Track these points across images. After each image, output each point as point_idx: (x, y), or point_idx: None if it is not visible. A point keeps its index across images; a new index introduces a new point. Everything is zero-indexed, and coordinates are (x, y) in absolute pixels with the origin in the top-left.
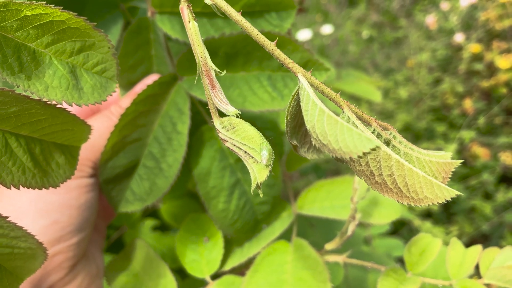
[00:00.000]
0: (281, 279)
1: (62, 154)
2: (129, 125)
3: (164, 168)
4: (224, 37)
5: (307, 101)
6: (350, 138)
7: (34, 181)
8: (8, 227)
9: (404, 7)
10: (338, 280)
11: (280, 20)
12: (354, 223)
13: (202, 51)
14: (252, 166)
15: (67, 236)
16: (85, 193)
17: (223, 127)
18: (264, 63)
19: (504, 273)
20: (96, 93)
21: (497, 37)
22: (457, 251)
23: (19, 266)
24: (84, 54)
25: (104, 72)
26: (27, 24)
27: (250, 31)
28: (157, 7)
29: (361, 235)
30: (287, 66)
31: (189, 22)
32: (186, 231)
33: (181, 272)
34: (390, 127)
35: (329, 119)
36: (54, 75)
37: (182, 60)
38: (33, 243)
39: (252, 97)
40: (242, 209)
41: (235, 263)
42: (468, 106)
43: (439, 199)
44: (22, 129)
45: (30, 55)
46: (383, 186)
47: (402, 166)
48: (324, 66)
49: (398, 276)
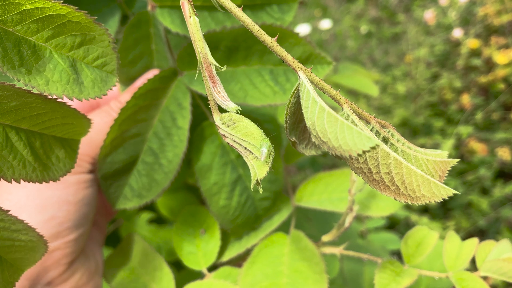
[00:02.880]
0: (277, 271)
1: (62, 148)
2: (129, 119)
3: (164, 163)
4: (225, 30)
5: (307, 98)
6: (350, 136)
7: (35, 174)
8: (9, 221)
9: (402, 2)
10: (334, 272)
11: (281, 13)
12: (351, 215)
13: (202, 46)
14: (252, 163)
15: (65, 232)
16: (83, 189)
17: (223, 123)
18: (265, 57)
19: (500, 266)
20: (97, 87)
21: (495, 33)
22: (453, 243)
23: (20, 258)
24: (85, 48)
25: (105, 66)
26: (27, 17)
27: (251, 27)
28: (157, 1)
29: (357, 228)
30: (287, 62)
31: (190, 17)
32: (182, 224)
33: (178, 265)
34: (388, 125)
35: (329, 116)
36: (55, 69)
37: (182, 54)
38: (34, 236)
39: (253, 91)
40: (244, 205)
41: (233, 254)
42: (465, 102)
43: (436, 197)
44: (23, 123)
45: (31, 49)
46: (380, 184)
47: (400, 164)
48: (326, 60)
49: (395, 268)
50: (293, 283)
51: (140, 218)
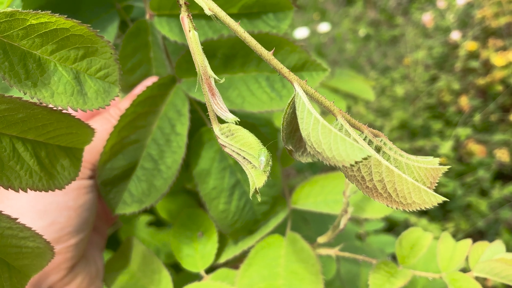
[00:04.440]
0: (274, 272)
1: (67, 157)
2: (128, 126)
3: (163, 169)
4: (222, 39)
5: (302, 110)
6: (343, 147)
7: (41, 184)
8: (18, 228)
9: (401, 5)
10: (330, 273)
11: (277, 21)
12: (346, 217)
13: (202, 60)
14: (251, 172)
15: (66, 237)
16: (83, 195)
17: (223, 133)
18: (262, 64)
19: (492, 266)
20: (100, 98)
21: (493, 35)
22: (447, 244)
23: (27, 265)
24: (88, 60)
25: (107, 77)
26: (32, 32)
27: (249, 41)
28: (155, 10)
29: (353, 230)
30: (283, 75)
31: (189, 31)
32: (180, 226)
33: (176, 267)
34: (381, 134)
35: (323, 128)
36: (59, 81)
37: (180, 62)
38: (41, 243)
39: (250, 98)
40: (242, 209)
41: (229, 256)
42: (464, 104)
43: (427, 204)
44: (29, 133)
45: (36, 62)
46: (373, 191)
47: (392, 172)
48: (321, 67)
49: (389, 269)
50: (289, 284)
51: (139, 220)
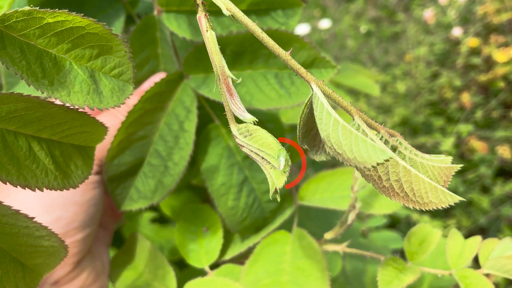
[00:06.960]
0: (279, 268)
1: (80, 155)
2: (136, 122)
3: (170, 166)
4: (231, 35)
5: (321, 110)
6: (365, 149)
7: (56, 182)
8: (34, 227)
9: (402, 2)
10: (336, 270)
11: (286, 17)
12: (354, 212)
13: (219, 59)
14: (270, 172)
15: (72, 232)
16: (90, 190)
17: (241, 133)
18: (271, 61)
19: (503, 263)
20: (115, 96)
21: (495, 31)
22: (456, 241)
23: (40, 264)
24: (102, 58)
25: (121, 75)
26: (48, 31)
27: (266, 41)
28: (163, 6)
29: (358, 227)
30: (301, 75)
31: (206, 31)
32: (185, 222)
33: (180, 264)
34: (396, 133)
35: (343, 129)
36: (75, 80)
37: (189, 58)
38: (56, 241)
39: (259, 95)
40: (251, 206)
41: (235, 252)
42: (465, 100)
43: (443, 203)
44: (44, 132)
45: (52, 61)
46: (390, 190)
47: (409, 172)
48: (330, 64)
49: (398, 265)
50: (294, 280)
51: (142, 217)
